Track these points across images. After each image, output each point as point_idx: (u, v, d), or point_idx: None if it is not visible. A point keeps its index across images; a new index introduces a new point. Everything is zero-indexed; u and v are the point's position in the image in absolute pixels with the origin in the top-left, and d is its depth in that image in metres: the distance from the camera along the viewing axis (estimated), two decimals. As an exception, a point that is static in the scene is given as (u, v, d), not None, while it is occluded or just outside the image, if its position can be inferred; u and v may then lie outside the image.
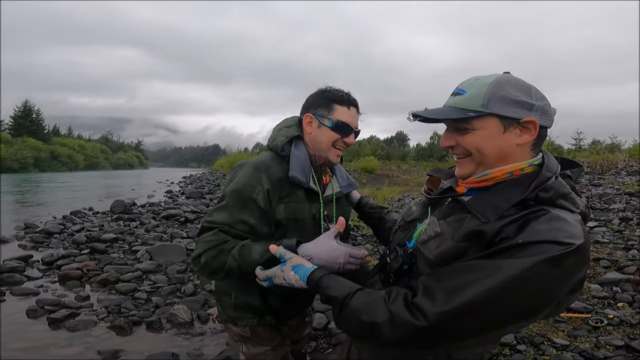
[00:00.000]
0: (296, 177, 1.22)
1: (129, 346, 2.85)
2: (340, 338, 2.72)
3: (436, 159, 32.74)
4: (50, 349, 2.80)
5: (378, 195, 7.77)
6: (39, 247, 5.88)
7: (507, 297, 0.72)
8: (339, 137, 1.27)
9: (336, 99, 1.26)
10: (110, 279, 4.11)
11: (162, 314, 3.33)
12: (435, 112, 0.89)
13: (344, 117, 1.26)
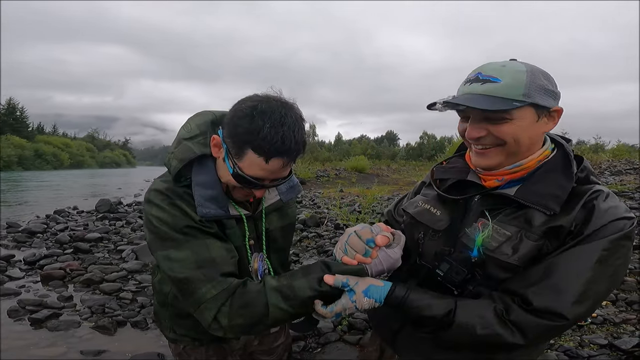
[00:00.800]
0: (208, 213, 1.00)
1: (113, 346, 2.81)
2: (329, 338, 2.71)
3: (425, 158, 32.97)
4: (32, 349, 2.74)
5: (368, 194, 7.80)
6: (21, 247, 5.75)
7: (609, 277, 0.81)
8: (245, 190, 1.03)
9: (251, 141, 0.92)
10: (95, 278, 4.03)
11: (147, 314, 3.28)
12: (474, 101, 0.84)
13: (253, 170, 0.95)
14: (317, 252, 4.85)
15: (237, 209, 1.09)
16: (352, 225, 5.47)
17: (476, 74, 0.89)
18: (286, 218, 1.24)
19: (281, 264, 1.26)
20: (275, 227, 1.20)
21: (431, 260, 0.98)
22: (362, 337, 2.72)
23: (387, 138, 69.18)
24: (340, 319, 2.92)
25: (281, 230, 1.22)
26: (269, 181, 1.00)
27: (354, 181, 15.20)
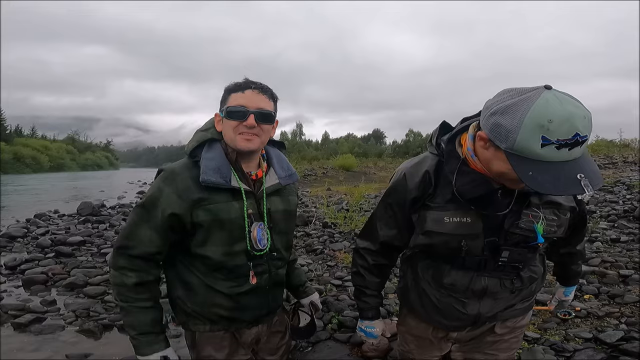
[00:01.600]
0: (209, 180, 1.16)
1: (99, 350, 2.78)
2: (320, 336, 2.71)
3: (412, 155, 33.13)
4: (16, 353, 2.71)
5: (355, 192, 7.83)
6: (1, 252, 5.59)
7: None
8: (237, 123, 1.19)
9: (230, 88, 1.22)
10: (78, 282, 3.97)
11: (134, 317, 3.23)
12: (597, 179, 0.90)
13: (236, 101, 1.19)
14: (305, 250, 4.85)
15: (239, 182, 1.22)
16: (339, 224, 5.45)
17: (575, 134, 0.84)
18: (287, 204, 1.36)
19: (285, 247, 1.37)
20: (277, 210, 1.31)
21: (480, 253, 1.16)
22: (352, 335, 2.73)
23: (374, 136, 69.53)
24: (330, 318, 2.93)
25: (283, 214, 1.34)
26: (254, 108, 1.18)
27: (341, 179, 15.24)
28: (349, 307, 3.09)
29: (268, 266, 1.30)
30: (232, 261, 1.23)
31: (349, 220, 5.44)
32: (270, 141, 1.36)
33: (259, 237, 1.23)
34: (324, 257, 4.59)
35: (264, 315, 1.38)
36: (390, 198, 1.26)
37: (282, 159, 1.38)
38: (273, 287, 1.36)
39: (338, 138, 63.62)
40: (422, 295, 1.30)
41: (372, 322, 1.42)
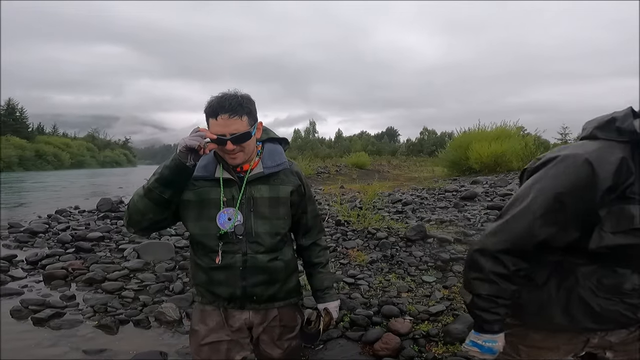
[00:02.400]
0: (196, 175, 1.40)
1: (115, 345, 2.82)
2: (331, 334, 2.72)
3: (426, 153, 32.79)
4: (34, 349, 2.77)
5: (368, 190, 7.79)
6: (23, 247, 5.77)
7: None
8: (221, 147, 1.36)
9: (207, 113, 1.36)
10: (97, 278, 4.05)
11: (150, 312, 3.29)
12: None
13: (213, 129, 1.34)
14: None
15: (221, 173, 1.41)
16: (352, 222, 5.45)
17: None
18: (276, 192, 1.45)
19: (268, 233, 1.43)
20: (261, 196, 1.43)
21: None
22: (363, 333, 2.73)
23: (388, 134, 68.97)
24: (341, 316, 2.93)
25: (268, 201, 1.43)
26: (229, 134, 1.32)
27: (354, 177, 15.20)
28: (361, 306, 3.09)
29: (244, 248, 1.40)
30: (206, 238, 1.40)
31: (362, 218, 5.42)
32: (272, 138, 1.52)
33: (220, 221, 1.39)
34: (336, 255, 4.59)
35: (240, 296, 1.42)
36: (562, 188, 1.05)
37: (275, 152, 1.49)
38: (250, 270, 1.41)
39: (351, 136, 63.33)
40: (575, 303, 1.14)
41: (495, 336, 1.22)
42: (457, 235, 4.89)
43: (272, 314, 1.50)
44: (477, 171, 14.04)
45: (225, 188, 1.41)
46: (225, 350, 1.48)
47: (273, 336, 1.52)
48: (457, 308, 3.05)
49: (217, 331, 1.47)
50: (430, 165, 23.70)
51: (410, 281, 3.70)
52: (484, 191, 8.36)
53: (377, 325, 2.83)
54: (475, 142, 14.62)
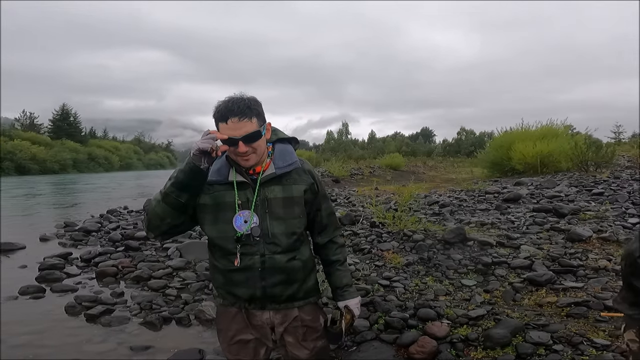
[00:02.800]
0: (210, 179, 1.43)
1: (158, 342, 2.94)
2: (365, 336, 2.71)
3: (464, 154, 31.73)
4: (85, 345, 2.89)
5: (404, 192, 7.66)
6: (77, 245, 6.19)
7: None
8: (233, 149, 1.38)
9: (216, 118, 1.40)
10: (143, 275, 4.25)
11: (190, 310, 3.41)
12: None
13: (224, 132, 1.37)
14: (352, 250, 4.86)
15: (234, 176, 1.44)
16: (387, 224, 5.40)
17: None
18: (289, 192, 1.47)
19: (284, 233, 1.45)
20: (275, 197, 1.45)
21: None
22: (398, 336, 2.69)
23: (422, 135, 67.36)
24: (377, 318, 2.92)
25: (282, 201, 1.46)
26: (240, 135, 1.35)
27: (388, 179, 15.02)
28: (396, 308, 3.06)
29: (262, 249, 1.43)
30: (223, 241, 1.43)
31: (398, 220, 5.35)
32: (282, 139, 1.54)
33: (236, 224, 1.42)
34: (371, 256, 4.56)
35: (260, 297, 1.45)
36: None
37: (286, 152, 1.51)
38: (269, 271, 1.43)
39: (385, 137, 62.49)
40: None
41: None
42: (500, 239, 4.72)
43: (292, 314, 1.52)
44: (521, 172, 13.41)
45: (239, 191, 1.44)
46: (253, 348, 1.53)
47: (297, 337, 1.53)
48: (499, 312, 2.94)
49: (242, 330, 1.52)
50: (469, 166, 22.95)
51: (449, 284, 3.62)
52: (529, 193, 7.98)
53: (412, 328, 2.79)
54: (518, 141, 13.95)
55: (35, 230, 7.35)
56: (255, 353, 1.55)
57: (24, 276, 4.49)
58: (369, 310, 3.03)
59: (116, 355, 2.75)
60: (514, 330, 2.57)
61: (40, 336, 2.99)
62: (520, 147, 13.53)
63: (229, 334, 1.54)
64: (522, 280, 3.52)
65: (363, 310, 3.00)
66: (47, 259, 5.01)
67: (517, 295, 3.26)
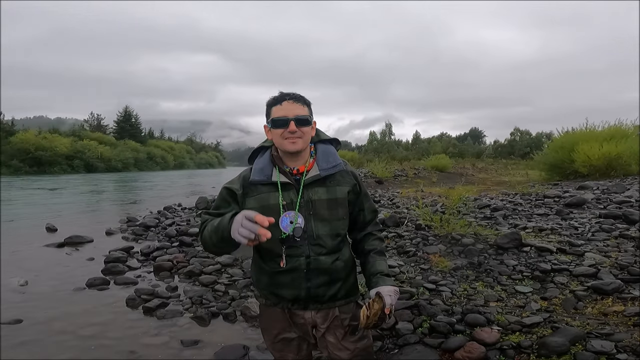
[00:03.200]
0: (253, 179, 1.48)
1: (206, 337, 3.03)
2: (408, 339, 2.66)
3: (518, 156, 30.02)
4: (141, 337, 3.03)
5: (452, 194, 7.40)
6: (138, 239, 6.63)
7: None
8: (282, 131, 1.42)
9: (270, 103, 1.47)
10: (195, 271, 4.45)
11: (237, 306, 3.52)
12: None
13: (277, 113, 1.43)
14: (397, 252, 4.79)
15: (278, 177, 1.46)
16: (434, 227, 5.26)
17: None
18: (333, 193, 1.48)
19: (329, 234, 1.47)
20: (319, 199, 1.46)
21: None
22: (444, 341, 2.61)
23: (471, 135, 64.42)
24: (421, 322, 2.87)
25: (327, 203, 1.46)
26: (292, 116, 1.41)
27: (434, 181, 14.57)
28: (442, 312, 2.97)
29: (307, 251, 1.44)
30: (270, 244, 1.38)
31: (445, 223, 5.18)
32: (323, 140, 1.56)
33: (282, 225, 1.43)
34: (416, 259, 4.47)
35: (304, 297, 1.48)
36: None
37: (329, 153, 1.52)
38: (313, 272, 1.45)
39: (430, 137, 60.63)
40: None
41: None
42: (561, 245, 4.43)
43: (333, 314, 1.53)
44: (585, 175, 12.41)
45: (283, 192, 1.45)
46: (296, 346, 1.58)
47: (338, 337, 1.54)
48: (557, 320, 2.76)
49: (285, 329, 1.56)
50: (524, 168, 21.69)
51: (501, 290, 3.46)
52: (594, 197, 7.39)
53: (459, 334, 2.70)
54: (582, 142, 12.93)
55: (101, 225, 7.96)
56: (298, 350, 1.60)
57: (91, 269, 4.87)
58: (413, 314, 2.98)
59: (168, 349, 2.86)
60: (574, 339, 2.42)
61: (104, 327, 3.19)
62: (585, 149, 12.54)
63: (273, 332, 1.59)
64: (585, 288, 3.30)
65: (407, 313, 2.96)
66: (112, 252, 5.40)
67: (579, 303, 3.06)
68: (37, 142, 42.76)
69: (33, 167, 40.88)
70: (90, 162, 48.23)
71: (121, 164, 54.15)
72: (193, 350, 2.85)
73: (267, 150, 1.55)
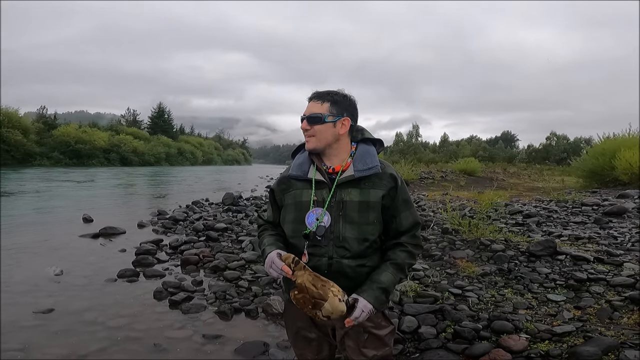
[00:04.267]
0: (291, 174, 1.51)
1: (228, 332, 3.06)
2: (431, 344, 2.60)
3: (553, 161, 28.86)
4: (166, 331, 3.08)
5: (482, 199, 7.17)
6: (167, 232, 6.83)
7: None
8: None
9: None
10: (220, 266, 4.51)
11: (259, 303, 3.54)
12: None
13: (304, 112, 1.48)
14: (422, 255, 4.70)
15: (314, 174, 1.47)
16: (461, 231, 5.13)
17: None
18: (366, 196, 1.43)
19: (356, 238, 1.42)
20: (351, 200, 1.42)
21: None
22: (468, 347, 2.54)
23: (503, 139, 62.17)
24: (445, 326, 2.80)
25: (358, 205, 1.42)
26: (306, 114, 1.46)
27: (462, 184, 14.21)
28: (467, 318, 2.90)
29: (330, 252, 1.42)
30: (296, 239, 1.47)
31: (474, 228, 5.03)
32: (366, 139, 1.53)
33: (308, 221, 1.43)
34: (442, 263, 4.37)
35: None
36: None
37: (368, 154, 1.47)
38: (334, 275, 1.40)
39: (459, 140, 59.01)
40: None
41: None
42: (599, 255, 4.23)
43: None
44: (626, 183, 11.77)
45: (316, 190, 1.45)
46: (316, 347, 1.58)
47: (359, 343, 1.51)
48: (590, 330, 2.65)
49: (306, 328, 1.58)
50: (559, 174, 20.78)
51: (531, 298, 3.34)
52: (635, 207, 7.01)
53: (484, 340, 2.63)
54: (624, 149, 12.27)
55: (134, 217, 8.25)
56: (318, 351, 1.59)
57: (123, 260, 5.03)
58: (437, 318, 2.92)
59: (190, 343, 2.91)
60: (607, 349, 2.33)
61: (132, 319, 3.27)
62: (627, 156, 11.89)
63: (293, 329, 1.61)
64: (622, 298, 3.15)
65: (430, 317, 2.90)
66: (143, 245, 5.57)
67: (614, 313, 2.92)
68: (77, 136, 44.86)
69: (72, 160, 42.93)
70: (125, 156, 50.16)
71: (153, 159, 56.04)
72: (214, 345, 2.89)
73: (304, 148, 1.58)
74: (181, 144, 70.09)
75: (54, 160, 40.50)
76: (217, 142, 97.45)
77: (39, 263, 4.82)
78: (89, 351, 2.74)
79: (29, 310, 3.39)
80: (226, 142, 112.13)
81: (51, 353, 2.72)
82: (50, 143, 42.39)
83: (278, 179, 1.60)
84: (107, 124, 61.88)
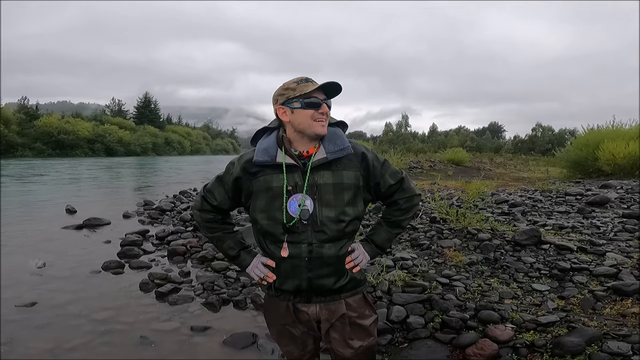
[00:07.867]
0: (257, 159, 1.42)
1: (216, 323, 3.03)
2: (419, 334, 2.63)
3: (539, 152, 29.26)
4: (153, 323, 3.03)
5: (469, 188, 7.24)
6: (154, 223, 6.73)
7: None
8: (313, 112, 1.39)
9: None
10: (208, 256, 4.46)
11: (247, 293, 3.51)
12: None
13: (312, 93, 1.40)
14: (410, 244, 4.73)
15: (283, 158, 1.41)
16: (449, 220, 5.16)
17: None
18: (338, 178, 1.42)
19: (333, 220, 1.41)
20: (325, 183, 1.41)
21: None
22: (455, 337, 2.57)
23: (490, 130, 62.91)
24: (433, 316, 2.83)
25: (333, 187, 1.41)
26: (323, 99, 1.41)
27: (450, 174, 14.34)
28: (455, 308, 2.92)
29: (309, 237, 1.39)
30: (273, 227, 1.42)
31: (462, 217, 5.08)
32: (331, 123, 1.49)
33: (291, 209, 1.40)
34: (430, 253, 4.40)
35: (305, 288, 1.44)
36: None
37: (336, 136, 1.46)
38: (315, 262, 1.40)
39: (447, 131, 59.51)
40: None
41: None
42: (582, 244, 4.30)
43: (339, 311, 1.48)
44: (609, 174, 12.03)
45: (287, 174, 1.40)
46: (301, 342, 1.56)
47: (344, 335, 1.51)
48: (574, 320, 2.69)
49: (290, 324, 1.54)
50: (544, 165, 21.14)
51: (517, 288, 3.38)
52: (618, 197, 7.15)
53: (471, 330, 2.66)
54: (607, 140, 12.52)
55: (119, 208, 8.12)
56: (303, 346, 1.57)
57: (108, 251, 4.95)
58: (425, 308, 2.94)
59: (178, 335, 2.87)
60: (590, 339, 2.36)
61: (117, 312, 3.22)
62: (610, 147, 12.14)
63: (277, 326, 1.58)
64: (605, 288, 3.20)
65: (419, 307, 2.92)
66: (128, 236, 5.49)
67: (597, 303, 2.97)
68: (60, 126, 43.86)
69: (56, 150, 42.01)
70: (110, 146, 49.30)
71: (140, 149, 55.21)
72: (203, 337, 2.85)
73: (272, 131, 1.50)
74: (168, 134, 69.15)
75: (37, 151, 39.59)
76: (205, 132, 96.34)
77: (20, 256, 4.71)
78: (74, 345, 2.69)
79: (12, 304, 3.31)
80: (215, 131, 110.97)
81: (35, 347, 2.65)
82: (32, 134, 41.41)
83: (242, 164, 1.47)
84: (91, 114, 60.54)
